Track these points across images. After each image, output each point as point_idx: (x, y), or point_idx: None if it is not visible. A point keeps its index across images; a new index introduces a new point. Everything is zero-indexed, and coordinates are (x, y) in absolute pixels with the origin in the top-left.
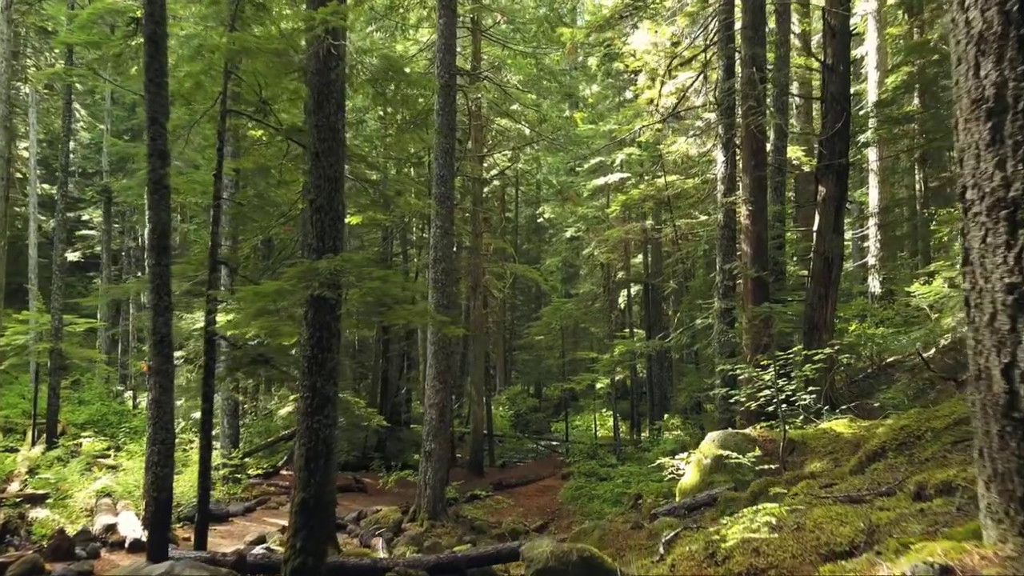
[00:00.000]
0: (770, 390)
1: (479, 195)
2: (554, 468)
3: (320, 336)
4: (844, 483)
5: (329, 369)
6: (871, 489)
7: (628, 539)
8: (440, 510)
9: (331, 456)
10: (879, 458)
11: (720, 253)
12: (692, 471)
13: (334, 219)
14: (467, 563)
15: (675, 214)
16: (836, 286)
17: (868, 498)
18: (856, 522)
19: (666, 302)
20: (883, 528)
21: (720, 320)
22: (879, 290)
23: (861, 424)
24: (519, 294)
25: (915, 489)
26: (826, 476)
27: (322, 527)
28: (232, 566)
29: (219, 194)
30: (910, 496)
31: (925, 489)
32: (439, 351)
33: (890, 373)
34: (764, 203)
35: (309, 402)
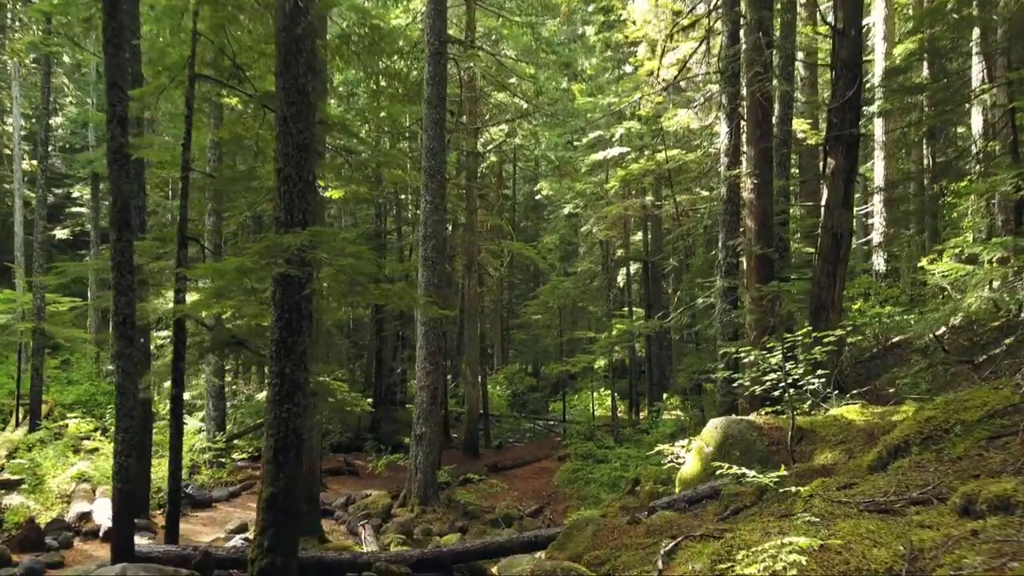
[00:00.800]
0: (776, 374)
1: (474, 170)
2: (551, 449)
3: (289, 318)
4: (865, 483)
5: (299, 353)
6: (900, 494)
7: (624, 537)
8: (431, 495)
9: (302, 447)
10: (902, 453)
11: (723, 229)
12: (693, 460)
13: (304, 190)
14: (452, 558)
15: (676, 189)
16: (845, 263)
17: (899, 507)
18: (893, 543)
19: (666, 280)
20: (928, 554)
21: (722, 299)
22: (883, 268)
23: (874, 411)
24: (517, 272)
25: (962, 503)
26: (841, 471)
27: (292, 524)
28: (198, 565)
29: (187, 166)
30: (955, 511)
31: (975, 503)
32: (430, 331)
33: (897, 353)
34: (769, 176)
35: (278, 389)
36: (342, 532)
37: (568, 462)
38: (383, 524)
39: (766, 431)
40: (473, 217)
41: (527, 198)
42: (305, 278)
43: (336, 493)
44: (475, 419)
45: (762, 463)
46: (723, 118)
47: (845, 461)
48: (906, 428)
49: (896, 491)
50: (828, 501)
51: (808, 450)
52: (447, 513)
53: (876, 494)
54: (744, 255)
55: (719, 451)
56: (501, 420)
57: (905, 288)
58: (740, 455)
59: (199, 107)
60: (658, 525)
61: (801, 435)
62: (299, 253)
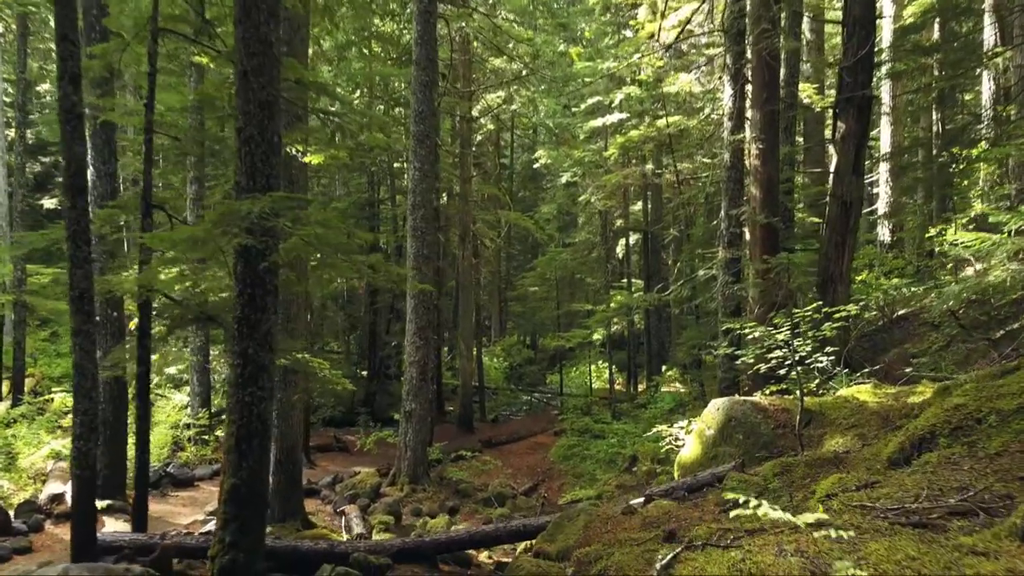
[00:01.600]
0: (782, 351)
1: (467, 136)
2: (547, 423)
3: (252, 293)
4: (889, 482)
5: (263, 332)
6: (934, 499)
7: (618, 529)
8: (421, 473)
9: (267, 435)
10: (928, 446)
11: (725, 197)
12: (693, 443)
13: (267, 152)
14: (436, 548)
15: (677, 156)
16: (855, 234)
17: (938, 519)
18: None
19: (666, 251)
20: None
21: (725, 271)
22: (888, 239)
23: (887, 391)
24: (516, 243)
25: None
26: (856, 462)
27: (257, 518)
28: (155, 562)
29: (150, 128)
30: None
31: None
32: (419, 305)
33: (904, 327)
34: (776, 141)
35: (240, 371)
36: (328, 513)
37: (564, 437)
38: (371, 504)
39: (771, 413)
40: (467, 186)
41: (525, 167)
42: (268, 249)
43: (324, 471)
44: (469, 393)
45: (767, 448)
46: (727, 80)
47: (859, 449)
48: (931, 416)
49: (929, 496)
50: (849, 506)
51: (817, 434)
52: (438, 492)
53: (906, 498)
54: (748, 225)
55: (721, 434)
56: (498, 393)
57: (911, 259)
58: (743, 439)
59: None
60: (655, 516)
61: (809, 418)
62: (259, 222)
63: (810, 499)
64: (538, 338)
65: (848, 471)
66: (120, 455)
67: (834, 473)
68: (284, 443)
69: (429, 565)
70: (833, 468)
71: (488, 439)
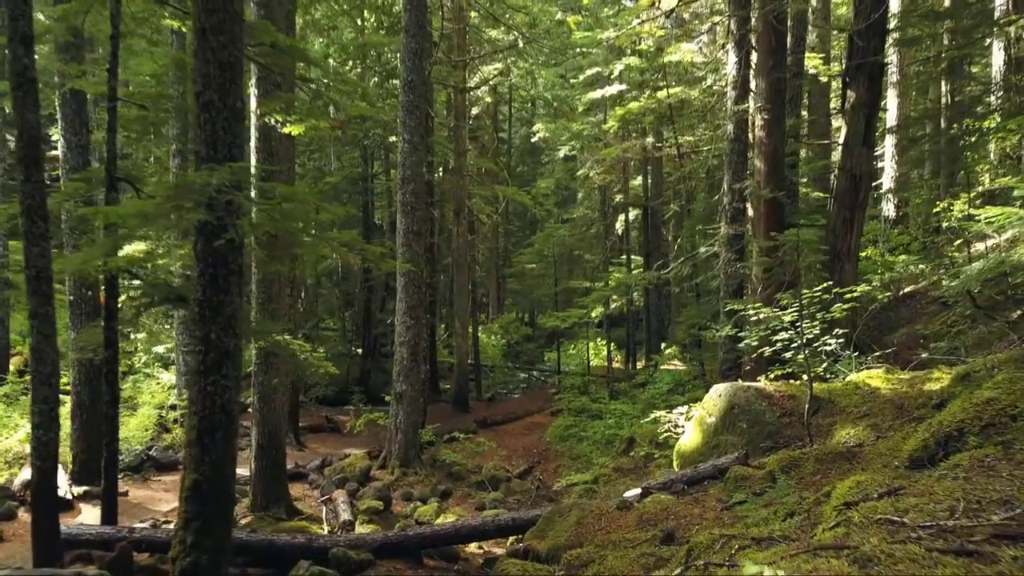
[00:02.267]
0: (788, 333)
1: (462, 108)
2: (544, 402)
3: (214, 273)
4: (916, 489)
5: (227, 316)
6: (973, 514)
7: (612, 526)
8: (413, 456)
9: (232, 427)
10: (956, 445)
11: (729, 170)
12: (693, 431)
13: (230, 119)
14: (420, 543)
15: (677, 128)
16: (864, 208)
17: (984, 544)
18: None
19: (666, 227)
20: None
21: (727, 248)
22: (894, 214)
23: (900, 376)
24: (515, 219)
25: None
26: (872, 458)
27: (221, 518)
28: (112, 564)
29: (113, 95)
30: None
31: None
32: (409, 284)
33: (911, 305)
34: (782, 111)
35: (202, 358)
36: (315, 498)
37: (561, 417)
38: (360, 488)
39: (777, 400)
40: (462, 160)
41: (524, 141)
42: (224, 225)
43: (314, 453)
44: (465, 372)
45: (772, 438)
46: (731, 47)
47: (873, 442)
48: (958, 411)
49: (967, 510)
50: (872, 520)
51: (826, 423)
52: (430, 475)
53: (939, 512)
54: (751, 199)
55: (723, 422)
56: (495, 371)
57: (917, 235)
58: (747, 428)
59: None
60: (652, 513)
61: (817, 405)
62: (217, 196)
63: (824, 503)
64: (537, 315)
65: (864, 469)
66: (98, 439)
67: (846, 467)
68: (266, 427)
69: (413, 560)
70: (845, 463)
71: (483, 419)
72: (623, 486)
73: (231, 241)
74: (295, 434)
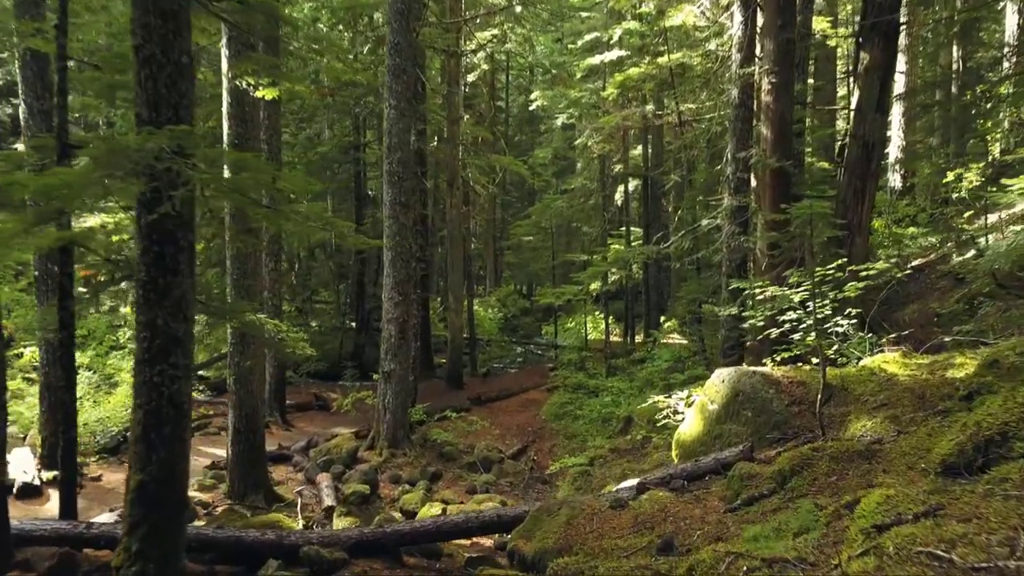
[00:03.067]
0: (796, 312)
1: (455, 74)
2: (540, 377)
3: (160, 251)
4: (955, 506)
5: (175, 298)
6: None
7: (605, 528)
8: (402, 437)
9: (182, 421)
10: (998, 451)
11: (732, 139)
12: (695, 418)
13: (174, 75)
14: (398, 540)
15: (679, 93)
16: (876, 179)
17: None
18: None
19: (666, 197)
20: None
21: (730, 221)
22: (900, 185)
23: (919, 361)
24: (513, 189)
25: None
26: (896, 460)
27: (171, 522)
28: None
29: (63, 54)
30: None
31: None
32: (397, 258)
33: (921, 280)
34: (790, 75)
35: (147, 345)
36: (299, 481)
37: (557, 394)
38: (346, 471)
39: (784, 387)
40: (455, 128)
41: (521, 109)
42: (164, 197)
43: (301, 432)
44: (458, 348)
45: (779, 428)
46: (737, 6)
47: (894, 437)
48: (999, 410)
49: None
50: (912, 554)
51: (839, 413)
52: (419, 456)
53: (994, 547)
54: (756, 169)
55: (726, 411)
56: (491, 345)
57: (925, 206)
58: (752, 417)
59: None
60: (648, 514)
61: (829, 393)
62: (156, 163)
63: (845, 517)
64: (535, 287)
65: (887, 472)
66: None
67: (865, 468)
68: (243, 409)
69: (391, 559)
70: (864, 463)
71: (477, 396)
72: (619, 469)
73: (177, 216)
74: (281, 413)
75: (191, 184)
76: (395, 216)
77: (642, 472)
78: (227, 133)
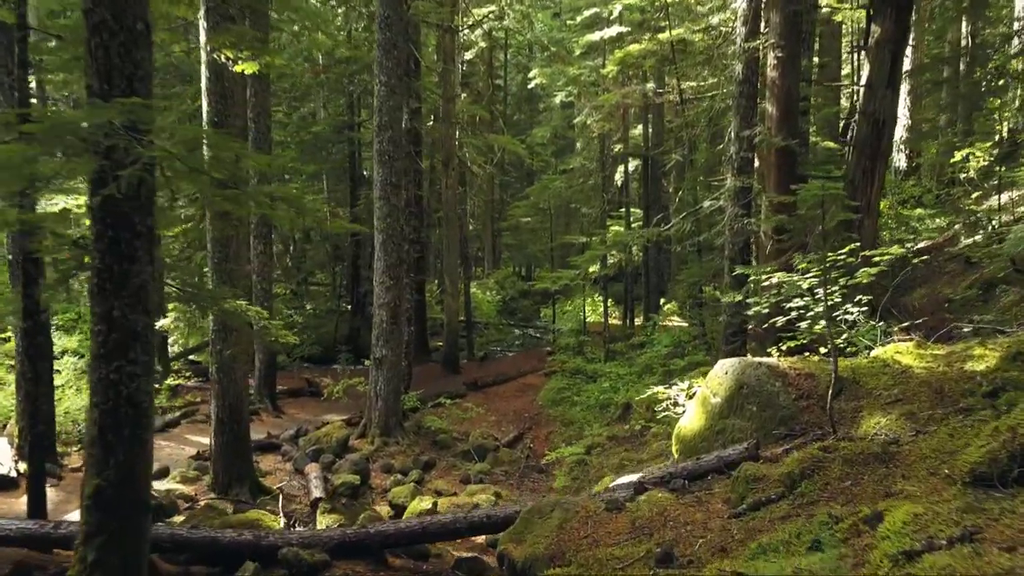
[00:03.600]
0: (804, 299)
1: (451, 50)
2: (538, 361)
3: (115, 237)
4: (994, 529)
5: (134, 288)
6: None
7: (600, 534)
8: (394, 425)
9: (142, 421)
10: None
11: (736, 116)
12: (696, 411)
13: (128, 43)
14: (382, 542)
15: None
16: (885, 158)
17: None
18: None
19: (667, 178)
20: None
21: (734, 203)
22: (905, 165)
23: (934, 351)
24: (512, 170)
25: None
26: (916, 466)
27: (132, 530)
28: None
29: (23, 23)
30: None
31: None
32: (388, 240)
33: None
34: (798, 49)
35: (103, 339)
36: (287, 471)
37: (554, 379)
38: (336, 461)
39: (792, 380)
40: (450, 106)
41: (520, 88)
42: (109, 177)
43: (292, 419)
44: (455, 332)
45: (786, 424)
46: None
47: (912, 437)
48: None
49: None
50: None
51: (850, 408)
52: (412, 445)
53: None
54: (761, 149)
55: (729, 404)
56: (489, 328)
57: (931, 187)
58: (757, 411)
59: None
60: (647, 518)
61: (840, 386)
62: (107, 140)
63: (865, 533)
64: (534, 269)
65: (907, 478)
66: (49, 413)
67: (882, 472)
68: (226, 399)
69: (375, 561)
70: (881, 467)
71: (474, 381)
72: (617, 458)
73: (134, 197)
74: (271, 399)
75: (139, 163)
76: (386, 197)
77: (640, 462)
78: (206, 111)
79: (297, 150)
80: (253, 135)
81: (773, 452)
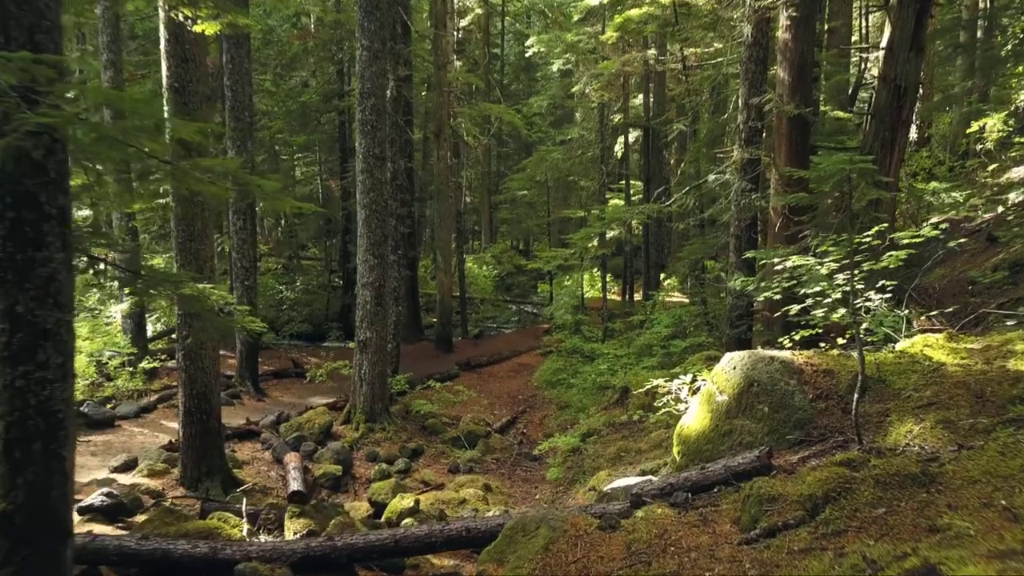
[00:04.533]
0: (821, 285)
1: (442, 15)
2: (534, 340)
3: (18, 219)
4: None
5: (42, 280)
6: None
7: (591, 559)
8: (380, 410)
9: (58, 433)
10: None
11: (745, 82)
12: (700, 410)
13: None
14: (349, 555)
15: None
16: (907, 127)
17: None
18: None
19: (668, 149)
20: None
21: (741, 176)
22: (915, 136)
23: (968, 345)
24: (510, 141)
25: None
26: (964, 492)
27: (47, 559)
28: None
29: None
30: None
31: None
32: (372, 216)
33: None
34: (812, 8)
35: (7, 340)
36: (266, 461)
37: (550, 359)
38: (318, 449)
39: (808, 377)
40: (442, 74)
41: (518, 57)
42: (12, 149)
43: (276, 403)
44: (448, 310)
45: (802, 428)
46: None
47: (955, 454)
48: None
49: None
50: None
51: (875, 412)
52: (399, 431)
53: None
54: (772, 117)
55: (738, 403)
56: (484, 304)
57: (944, 159)
58: (769, 412)
59: None
60: (644, 540)
61: (864, 386)
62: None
63: None
64: (532, 243)
65: (955, 508)
66: None
67: (923, 498)
68: (193, 388)
69: (344, 575)
70: (921, 491)
71: (467, 360)
72: (614, 448)
73: (41, 172)
74: (253, 382)
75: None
76: (369, 170)
77: (639, 452)
78: (165, 75)
79: (285, 120)
80: (230, 103)
81: (788, 461)
